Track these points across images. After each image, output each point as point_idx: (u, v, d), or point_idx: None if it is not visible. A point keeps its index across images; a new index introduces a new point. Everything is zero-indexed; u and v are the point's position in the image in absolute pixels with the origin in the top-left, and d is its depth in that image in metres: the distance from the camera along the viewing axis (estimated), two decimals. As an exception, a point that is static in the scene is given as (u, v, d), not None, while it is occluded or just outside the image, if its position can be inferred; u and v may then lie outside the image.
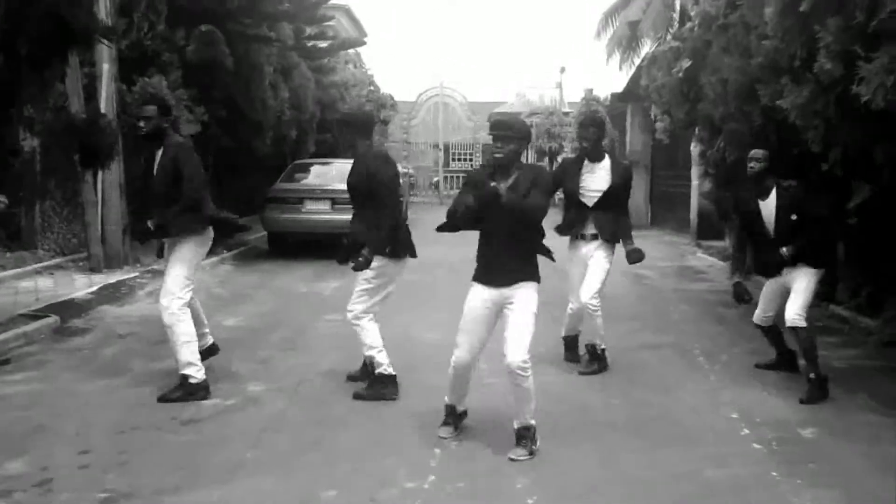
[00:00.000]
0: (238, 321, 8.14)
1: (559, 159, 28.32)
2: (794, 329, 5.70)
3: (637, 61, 22.77)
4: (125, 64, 10.96)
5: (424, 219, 20.85)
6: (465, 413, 4.93)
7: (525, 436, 4.55)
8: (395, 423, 4.67)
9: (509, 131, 4.53)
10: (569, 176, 6.29)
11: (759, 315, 6.19)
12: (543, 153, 29.09)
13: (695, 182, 15.75)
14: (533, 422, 4.57)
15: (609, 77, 79.31)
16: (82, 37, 7.56)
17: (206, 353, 6.04)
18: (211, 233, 5.86)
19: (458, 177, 32.58)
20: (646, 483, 4.24)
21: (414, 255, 5.76)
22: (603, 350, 6.35)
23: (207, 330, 6.15)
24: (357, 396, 5.53)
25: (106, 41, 9.12)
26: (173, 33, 11.67)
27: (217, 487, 4.08)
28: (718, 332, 7.82)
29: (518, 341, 4.42)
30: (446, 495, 4.05)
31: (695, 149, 13.52)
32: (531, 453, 4.50)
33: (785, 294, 5.87)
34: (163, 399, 5.45)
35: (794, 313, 5.68)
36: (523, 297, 4.50)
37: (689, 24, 10.61)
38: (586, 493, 4.11)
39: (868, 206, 6.90)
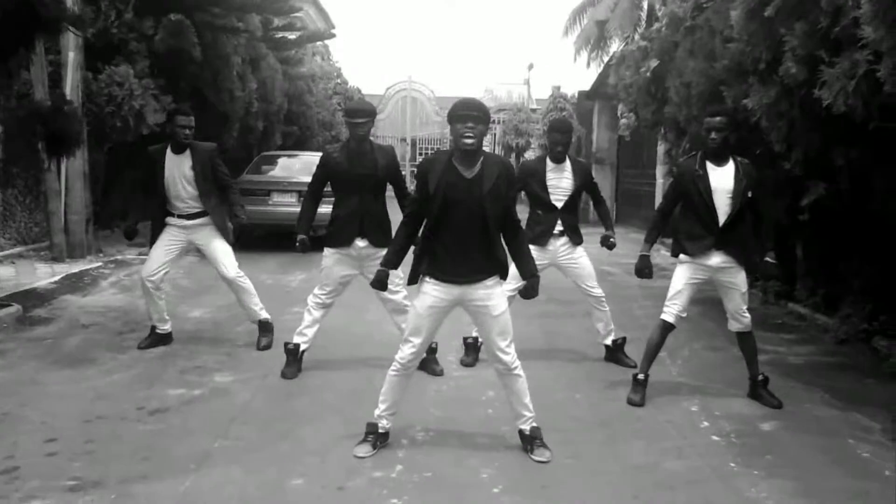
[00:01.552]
0: (203, 313, 8.12)
1: (525, 156, 28.48)
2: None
3: (605, 59, 22.97)
4: (91, 52, 10.86)
5: (395, 216, 20.89)
6: (387, 434, 4.61)
7: (538, 435, 4.54)
8: (363, 415, 4.71)
9: (480, 112, 4.22)
10: (536, 178, 6.34)
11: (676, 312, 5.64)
12: (511, 149, 29.23)
13: (660, 180, 15.97)
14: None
15: (577, 75, 79.71)
16: (49, 25, 7.48)
17: (160, 340, 6.61)
18: None
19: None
20: (607, 474, 4.33)
21: None
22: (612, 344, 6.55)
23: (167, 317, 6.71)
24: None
25: (73, 29, 9.02)
26: (141, 22, 11.56)
27: (184, 476, 4.09)
28: (680, 329, 7.89)
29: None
30: (413, 485, 4.10)
31: (661, 148, 13.71)
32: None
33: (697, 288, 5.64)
34: (262, 348, 6.59)
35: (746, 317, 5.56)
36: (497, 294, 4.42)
37: (656, 25, 10.74)
38: (550, 483, 4.19)
39: (824, 207, 7.06)
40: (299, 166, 14.21)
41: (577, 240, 6.34)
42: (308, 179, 6.17)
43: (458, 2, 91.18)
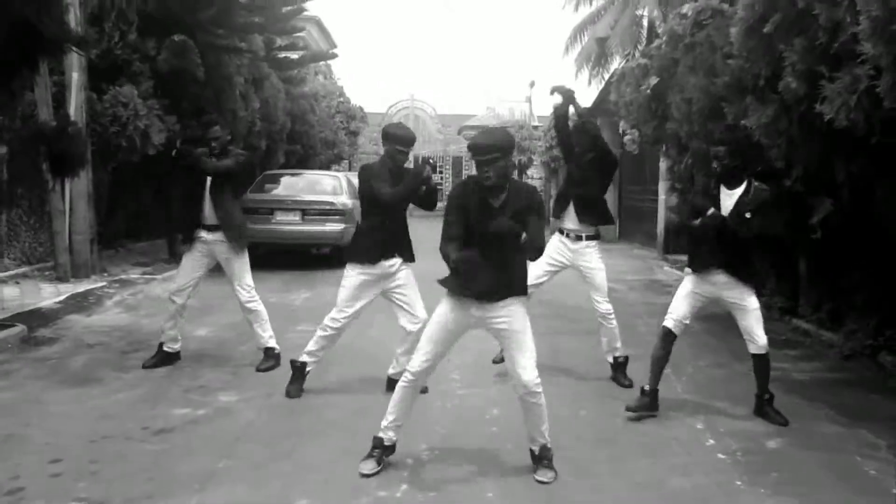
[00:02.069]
0: (208, 332, 8.13)
1: (527, 173, 28.54)
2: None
3: (606, 77, 23.07)
4: (95, 73, 10.92)
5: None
6: (392, 448, 4.59)
7: (547, 456, 4.51)
8: (367, 433, 4.70)
9: (495, 152, 4.22)
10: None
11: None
12: (514, 166, 29.29)
13: (662, 197, 15.99)
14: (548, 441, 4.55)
15: (578, 92, 79.82)
16: (53, 45, 7.52)
17: (166, 358, 6.62)
18: None
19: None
20: (612, 492, 4.32)
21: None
22: (616, 360, 6.52)
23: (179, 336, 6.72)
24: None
25: (77, 50, 9.08)
26: (144, 43, 11.63)
27: (189, 496, 4.09)
28: (684, 345, 7.91)
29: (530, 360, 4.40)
30: (418, 504, 4.10)
31: (663, 164, 13.73)
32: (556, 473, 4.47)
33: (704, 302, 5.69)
34: (260, 370, 6.52)
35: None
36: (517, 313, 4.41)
37: (656, 42, 10.79)
38: (554, 501, 4.18)
39: (828, 222, 7.07)
40: (302, 185, 14.27)
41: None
42: (311, 198, 6.17)
43: (460, 20, 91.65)
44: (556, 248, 6.40)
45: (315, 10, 27.88)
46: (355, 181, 17.63)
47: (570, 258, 6.38)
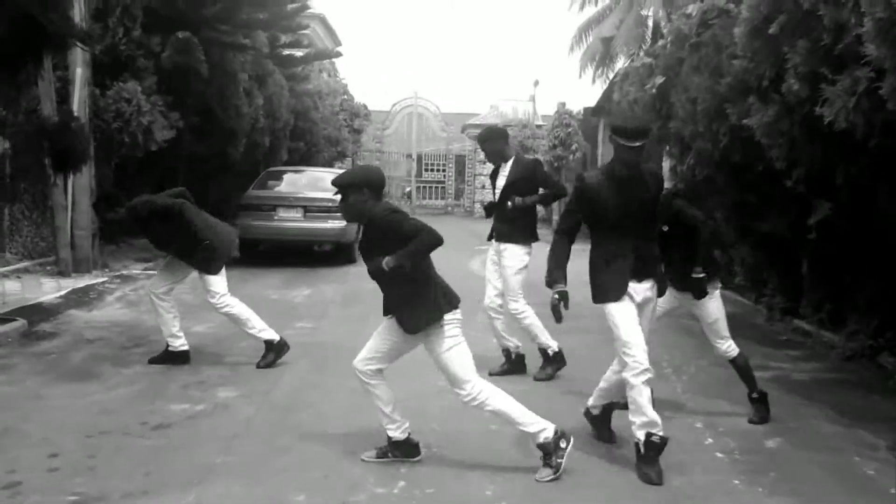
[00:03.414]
0: (207, 328, 8.12)
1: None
2: None
3: (610, 76, 23.06)
4: (99, 68, 10.93)
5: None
6: (404, 443, 4.63)
7: (548, 450, 4.42)
8: (365, 430, 4.71)
9: (345, 190, 4.41)
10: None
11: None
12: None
13: (665, 197, 15.95)
14: (392, 434, 4.58)
15: (582, 91, 79.86)
16: (57, 40, 7.53)
17: (169, 357, 6.60)
18: None
19: (431, 187, 32.74)
20: (611, 490, 4.31)
21: None
22: (554, 352, 6.52)
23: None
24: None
25: (81, 45, 9.09)
26: (149, 39, 11.64)
27: (187, 492, 4.09)
28: (685, 344, 7.93)
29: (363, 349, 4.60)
30: (416, 501, 4.09)
31: (666, 164, 13.71)
32: (556, 469, 4.40)
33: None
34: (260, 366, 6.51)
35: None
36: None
37: (661, 42, 10.77)
38: (553, 499, 4.17)
39: (829, 224, 7.06)
40: (305, 182, 14.27)
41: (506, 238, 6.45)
42: (315, 195, 6.07)
43: (465, 18, 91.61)
44: (492, 251, 6.62)
45: (320, 8, 27.81)
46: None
47: (497, 259, 6.52)
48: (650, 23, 23.32)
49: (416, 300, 4.39)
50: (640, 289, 4.56)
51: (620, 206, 4.46)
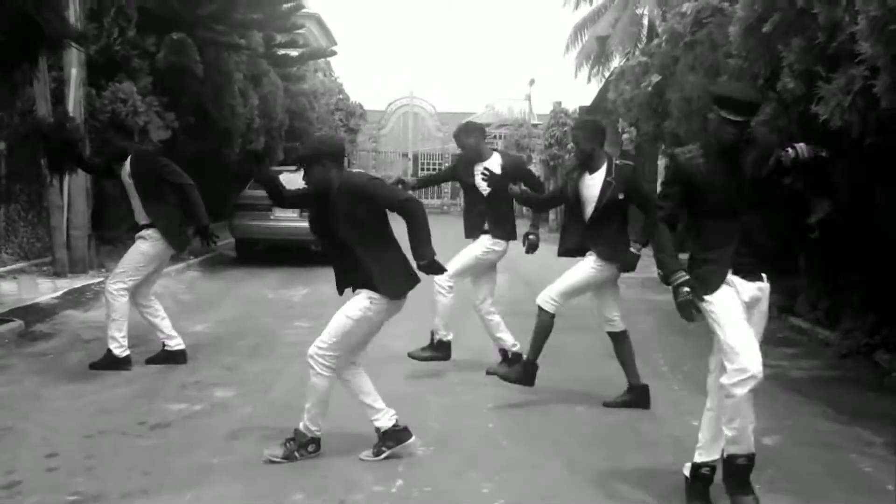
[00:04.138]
0: (204, 327, 8.13)
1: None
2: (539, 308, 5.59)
3: (606, 75, 23.09)
4: (94, 69, 10.91)
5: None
6: (392, 432, 4.64)
7: (295, 439, 4.54)
8: (363, 430, 4.71)
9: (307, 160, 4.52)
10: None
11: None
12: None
13: (661, 195, 15.98)
14: (303, 426, 4.56)
15: (577, 90, 79.93)
16: (52, 41, 7.52)
17: (166, 357, 6.58)
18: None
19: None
20: (607, 488, 4.32)
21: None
22: (440, 340, 6.41)
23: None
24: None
25: (76, 46, 9.07)
26: (144, 39, 11.64)
27: (185, 491, 4.09)
28: (682, 343, 7.94)
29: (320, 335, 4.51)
30: (413, 500, 4.10)
31: (661, 162, 13.74)
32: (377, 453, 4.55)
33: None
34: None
35: (546, 293, 5.58)
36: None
37: (656, 41, 10.81)
38: (549, 497, 4.18)
39: (826, 221, 7.07)
40: (302, 181, 14.24)
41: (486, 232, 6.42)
42: None
43: (460, 18, 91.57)
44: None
45: (315, 7, 27.86)
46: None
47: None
48: (645, 21, 23.37)
49: (393, 265, 4.45)
50: (748, 287, 4.00)
51: (720, 187, 3.94)
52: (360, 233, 4.43)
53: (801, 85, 5.86)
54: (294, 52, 18.18)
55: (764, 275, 4.03)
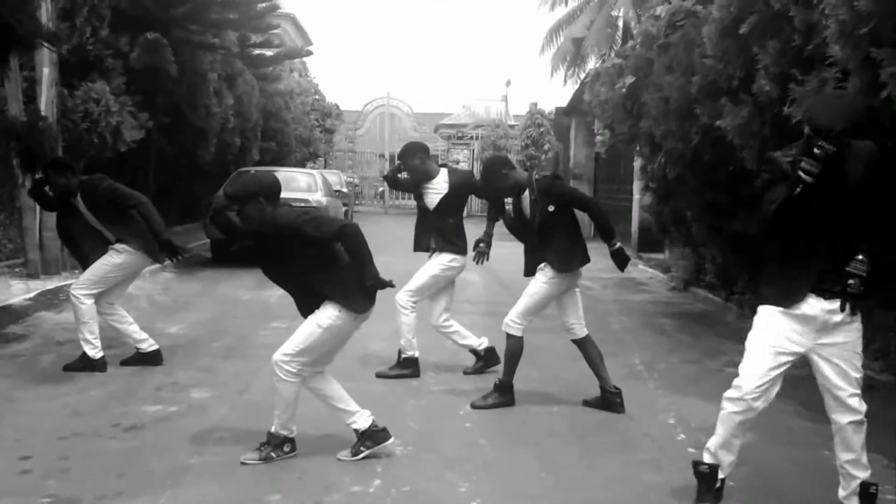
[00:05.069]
0: (180, 329, 8.08)
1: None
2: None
3: (582, 76, 23.18)
4: (67, 68, 10.80)
5: (370, 230, 20.89)
6: (366, 433, 4.63)
7: (271, 441, 4.56)
8: (341, 431, 4.70)
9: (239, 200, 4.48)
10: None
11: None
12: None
13: (636, 196, 16.08)
14: (275, 429, 4.57)
15: (554, 91, 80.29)
16: (24, 40, 7.46)
17: (140, 359, 6.53)
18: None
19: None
20: (584, 487, 4.35)
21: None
22: (407, 357, 6.43)
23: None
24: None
25: (48, 45, 8.99)
26: (117, 39, 11.55)
27: (161, 493, 4.06)
28: (658, 342, 8.02)
29: (287, 341, 4.50)
30: (391, 499, 4.10)
31: (637, 163, 13.82)
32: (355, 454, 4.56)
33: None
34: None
35: (509, 318, 5.63)
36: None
37: (631, 43, 10.87)
38: (527, 496, 4.20)
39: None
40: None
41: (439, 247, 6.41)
42: (287, 196, 5.71)
43: (436, 18, 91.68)
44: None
45: (290, 8, 27.81)
46: (331, 178, 17.37)
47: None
48: (620, 23, 23.48)
49: (349, 283, 4.43)
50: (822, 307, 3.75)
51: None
52: (307, 263, 4.43)
53: (776, 87, 5.92)
54: (269, 52, 18.17)
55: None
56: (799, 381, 6.61)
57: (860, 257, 3.63)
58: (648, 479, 4.46)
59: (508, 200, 5.87)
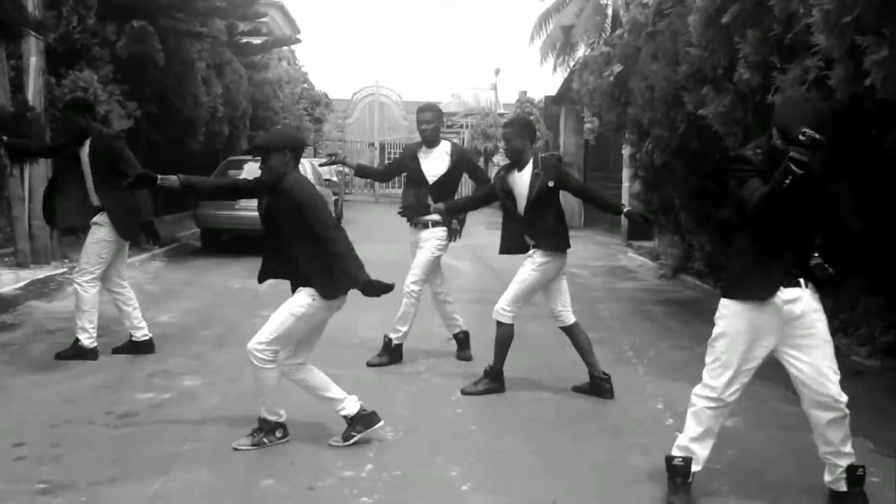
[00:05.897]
0: (170, 317, 8.10)
1: (494, 160, 28.64)
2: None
3: (571, 65, 23.16)
4: (54, 57, 10.75)
5: (360, 218, 20.89)
6: (356, 418, 4.67)
7: (262, 428, 4.61)
8: (332, 418, 4.74)
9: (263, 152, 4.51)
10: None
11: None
12: (479, 153, 29.39)
13: (626, 184, 16.13)
14: (264, 414, 4.63)
15: (543, 79, 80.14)
16: (10, 29, 7.44)
17: (132, 347, 6.56)
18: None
19: (392, 176, 32.68)
20: (573, 471, 4.41)
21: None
22: (391, 342, 6.45)
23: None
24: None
25: (35, 34, 8.95)
26: (104, 27, 11.48)
27: (154, 479, 4.10)
28: (647, 329, 8.08)
29: (261, 329, 4.53)
30: (383, 484, 4.15)
31: (625, 151, 13.87)
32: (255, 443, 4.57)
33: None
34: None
35: (499, 305, 5.67)
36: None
37: (619, 31, 10.90)
38: (517, 480, 4.26)
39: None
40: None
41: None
42: None
43: (426, 7, 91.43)
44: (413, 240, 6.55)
45: (278, -4, 27.64)
46: (320, 168, 17.24)
47: (414, 241, 6.48)
48: (609, 11, 23.43)
49: (328, 267, 4.45)
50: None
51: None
52: (299, 231, 4.45)
53: (757, 76, 5.96)
54: (257, 41, 18.10)
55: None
56: (783, 367, 6.70)
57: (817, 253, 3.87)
58: (636, 463, 4.52)
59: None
